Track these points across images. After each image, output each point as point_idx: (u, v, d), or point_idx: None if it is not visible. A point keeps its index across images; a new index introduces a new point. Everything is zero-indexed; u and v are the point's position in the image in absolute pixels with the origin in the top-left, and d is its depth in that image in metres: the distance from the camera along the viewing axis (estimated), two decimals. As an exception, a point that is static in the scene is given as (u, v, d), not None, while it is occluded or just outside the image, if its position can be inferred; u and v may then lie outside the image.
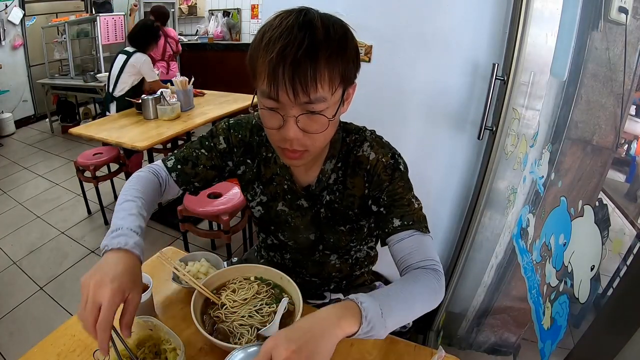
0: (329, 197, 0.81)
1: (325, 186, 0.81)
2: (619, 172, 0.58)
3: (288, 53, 0.57)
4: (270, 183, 0.85)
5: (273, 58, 0.57)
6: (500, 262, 1.06)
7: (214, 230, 2.32)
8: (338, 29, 0.62)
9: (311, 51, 0.58)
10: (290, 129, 0.62)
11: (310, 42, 0.58)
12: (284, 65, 0.57)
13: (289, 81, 0.58)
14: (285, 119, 0.62)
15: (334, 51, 0.60)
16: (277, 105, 0.62)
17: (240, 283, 0.86)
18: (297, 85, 0.58)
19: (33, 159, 3.94)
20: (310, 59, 0.58)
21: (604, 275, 0.54)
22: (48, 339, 0.78)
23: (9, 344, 1.78)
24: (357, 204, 0.81)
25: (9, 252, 2.45)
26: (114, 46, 4.68)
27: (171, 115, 2.49)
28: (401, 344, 0.79)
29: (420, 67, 1.41)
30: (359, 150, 0.78)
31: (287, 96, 0.59)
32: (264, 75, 0.60)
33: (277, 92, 0.59)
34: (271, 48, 0.58)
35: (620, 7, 0.63)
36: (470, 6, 1.28)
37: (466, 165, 1.49)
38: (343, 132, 0.80)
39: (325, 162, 0.79)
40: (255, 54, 0.62)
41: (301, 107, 0.61)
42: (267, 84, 0.60)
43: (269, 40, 0.59)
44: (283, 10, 0.63)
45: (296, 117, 0.62)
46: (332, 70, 0.60)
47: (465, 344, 1.22)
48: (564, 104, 0.82)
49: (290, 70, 0.57)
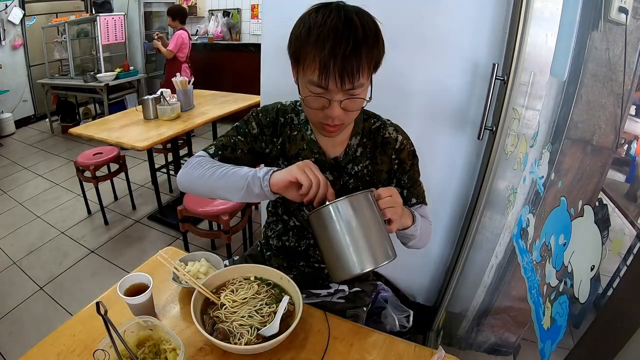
0: (356, 167, 0.93)
1: (351, 159, 0.92)
2: (619, 172, 0.58)
3: (338, 52, 0.68)
4: (295, 158, 0.92)
5: (326, 55, 0.69)
6: (500, 262, 1.06)
7: (214, 230, 2.32)
8: (371, 25, 0.73)
9: (356, 49, 0.69)
10: (335, 110, 0.75)
11: (354, 42, 0.69)
12: (334, 62, 0.69)
13: (338, 75, 0.70)
14: (331, 103, 0.74)
15: (370, 47, 0.71)
16: (324, 91, 0.73)
17: (240, 283, 0.86)
18: (345, 78, 0.70)
19: (33, 159, 3.94)
20: (355, 56, 0.69)
21: (604, 275, 0.54)
22: (48, 339, 0.78)
23: (9, 344, 1.78)
24: (384, 177, 0.94)
25: (9, 252, 2.45)
26: (114, 46, 4.69)
27: (171, 115, 2.49)
28: (401, 344, 0.79)
29: (420, 67, 1.41)
30: (385, 132, 0.93)
31: (336, 86, 0.71)
32: (315, 68, 0.71)
33: (327, 82, 0.71)
34: (321, 45, 0.69)
35: (620, 7, 0.63)
36: (470, 6, 1.28)
37: (466, 165, 1.49)
38: (363, 114, 0.93)
39: (351, 138, 0.91)
40: (303, 47, 0.72)
41: (344, 92, 0.73)
42: (318, 76, 0.71)
43: (318, 37, 0.69)
44: (319, 4, 0.74)
45: (340, 100, 0.74)
46: (370, 63, 0.73)
47: (465, 344, 1.22)
48: (564, 104, 0.82)
49: (341, 66, 0.69)
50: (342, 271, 0.70)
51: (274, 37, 1.55)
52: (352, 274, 0.69)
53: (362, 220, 0.70)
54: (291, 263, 1.03)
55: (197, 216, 1.94)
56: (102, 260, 2.38)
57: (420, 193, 0.97)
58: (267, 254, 1.09)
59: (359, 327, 0.84)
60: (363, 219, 0.70)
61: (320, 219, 0.72)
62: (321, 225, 0.72)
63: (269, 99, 0.98)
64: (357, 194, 0.71)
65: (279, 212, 1.02)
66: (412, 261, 1.61)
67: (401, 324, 1.06)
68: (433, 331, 1.66)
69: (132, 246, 2.52)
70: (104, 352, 0.64)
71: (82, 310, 0.85)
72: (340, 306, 0.99)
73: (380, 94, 0.89)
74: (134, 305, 0.81)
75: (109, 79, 4.21)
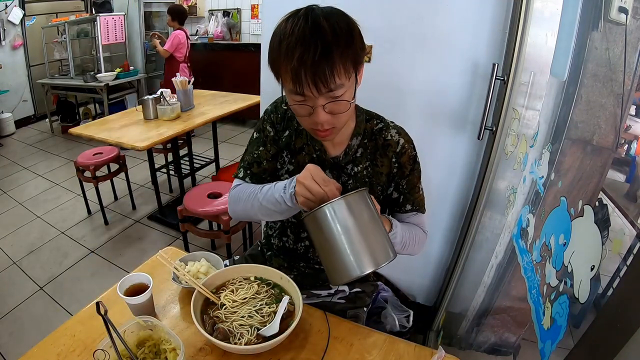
0: (356, 168, 0.92)
1: (351, 159, 0.91)
2: (619, 172, 0.58)
3: (307, 58, 0.67)
4: (299, 152, 0.93)
5: (295, 65, 0.68)
6: (500, 262, 1.06)
7: (214, 230, 2.32)
8: (342, 24, 0.71)
9: (325, 52, 0.68)
10: (320, 115, 0.74)
11: (323, 45, 0.67)
12: (305, 69, 0.68)
13: (311, 81, 0.69)
14: (314, 108, 0.73)
15: (343, 47, 0.69)
16: (304, 99, 0.73)
17: (240, 283, 0.86)
18: (318, 83, 0.69)
19: (33, 159, 3.94)
20: (325, 59, 0.68)
21: (604, 275, 0.54)
22: (48, 339, 0.78)
23: (9, 344, 1.78)
24: (384, 180, 0.93)
25: (9, 252, 2.46)
26: (114, 46, 4.69)
27: (171, 115, 2.49)
28: (401, 344, 0.80)
29: (420, 67, 1.41)
30: (387, 134, 0.91)
31: (311, 92, 0.71)
32: (289, 78, 0.71)
33: (302, 90, 0.71)
34: (290, 55, 0.68)
35: (620, 7, 0.63)
36: (470, 6, 1.28)
37: (466, 165, 1.49)
38: (366, 115, 0.93)
39: (351, 138, 0.90)
40: (277, 59, 0.72)
41: (325, 96, 0.72)
42: (292, 85, 0.71)
43: (287, 47, 0.69)
44: (291, 13, 0.73)
45: (323, 105, 0.73)
46: (345, 62, 0.70)
47: (465, 344, 1.22)
48: (564, 104, 0.82)
49: (311, 72, 0.68)
50: (341, 274, 0.68)
51: (274, 37, 1.55)
52: (351, 277, 0.67)
53: (359, 221, 0.68)
54: (292, 263, 1.03)
55: (197, 216, 1.94)
56: (102, 260, 2.38)
57: (417, 200, 0.94)
58: (267, 254, 1.09)
59: (359, 327, 0.84)
60: (361, 219, 0.68)
61: (315, 222, 0.69)
62: (317, 227, 0.69)
63: (269, 99, 0.98)
64: (353, 193, 0.69)
65: None
66: (412, 261, 1.61)
67: (401, 324, 1.06)
68: (433, 331, 1.66)
69: (132, 246, 2.52)
70: (104, 352, 0.64)
71: (82, 310, 0.85)
72: (341, 306, 0.99)
73: (380, 94, 0.90)
74: (134, 305, 0.81)
75: (109, 79, 4.21)
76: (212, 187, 2.08)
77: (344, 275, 0.68)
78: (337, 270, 0.69)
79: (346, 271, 0.67)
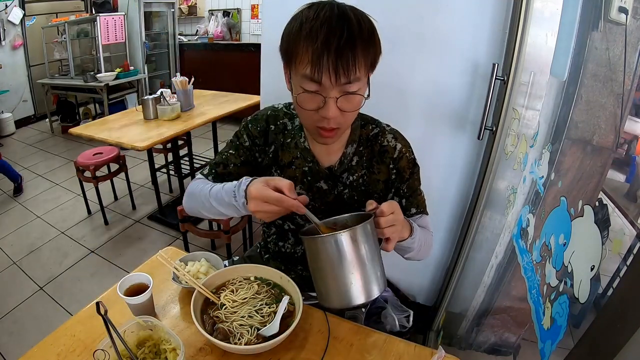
0: (352, 177, 0.89)
1: (347, 168, 0.89)
2: (619, 172, 0.58)
3: (332, 42, 0.65)
4: (289, 167, 0.91)
5: (318, 47, 0.65)
6: (500, 262, 1.06)
7: (214, 230, 2.32)
8: (367, 21, 0.70)
9: (351, 41, 0.66)
10: (330, 108, 0.70)
11: (349, 33, 0.66)
12: (328, 54, 0.65)
13: (332, 67, 0.66)
14: (326, 101, 0.70)
15: (366, 42, 0.68)
16: (318, 87, 0.69)
17: (240, 283, 0.85)
18: (339, 70, 0.66)
19: (33, 159, 3.94)
20: (350, 48, 0.66)
21: (604, 275, 0.54)
22: (48, 339, 0.78)
23: (9, 344, 1.78)
24: (381, 187, 0.90)
25: (9, 252, 2.45)
26: (114, 46, 4.69)
27: (171, 115, 2.49)
28: (401, 344, 0.79)
29: (420, 67, 1.41)
30: (383, 140, 0.89)
31: (330, 80, 0.67)
32: (307, 62, 0.67)
33: (320, 76, 0.67)
34: (314, 37, 0.65)
35: (620, 7, 0.63)
36: (470, 6, 1.28)
37: (466, 165, 1.49)
38: (361, 120, 0.90)
39: (347, 146, 0.88)
40: (295, 42, 0.69)
41: (340, 89, 0.69)
42: (310, 69, 0.67)
43: (310, 30, 0.66)
44: (312, 3, 0.71)
45: (336, 98, 0.70)
46: (366, 57, 0.69)
47: (465, 344, 1.22)
48: (564, 104, 0.82)
49: (334, 57, 0.65)
50: (330, 301, 0.70)
51: (274, 37, 1.54)
52: (339, 306, 0.69)
53: (359, 254, 0.67)
54: (289, 267, 1.03)
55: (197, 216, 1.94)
56: (102, 260, 2.38)
57: (420, 202, 0.93)
58: (265, 257, 1.09)
59: (359, 327, 0.84)
60: (360, 253, 0.67)
61: (314, 247, 0.69)
62: (314, 252, 0.69)
63: (269, 99, 0.98)
64: (359, 227, 0.66)
65: None
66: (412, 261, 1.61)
67: (401, 324, 1.06)
68: (433, 331, 1.66)
69: (132, 246, 2.52)
70: (104, 352, 0.64)
71: (82, 310, 0.85)
72: (339, 307, 0.99)
73: (379, 94, 0.90)
74: (134, 305, 0.81)
75: (109, 79, 4.21)
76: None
77: (332, 303, 0.70)
78: (327, 296, 0.70)
79: (336, 300, 0.69)
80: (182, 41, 5.26)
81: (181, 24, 5.38)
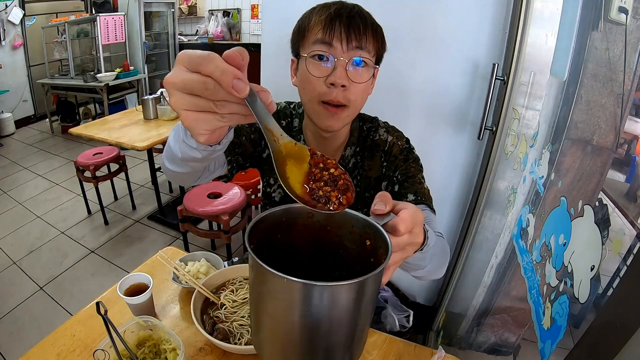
0: None
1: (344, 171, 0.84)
2: (619, 172, 0.58)
3: (343, 12, 0.70)
4: None
5: (331, 13, 0.69)
6: (500, 262, 1.06)
7: (214, 230, 2.32)
8: (374, 19, 0.74)
9: (361, 16, 0.71)
10: (339, 73, 0.69)
11: (359, 11, 0.71)
12: (340, 19, 0.69)
13: (344, 29, 0.68)
14: (335, 64, 0.69)
15: (374, 29, 0.72)
16: (328, 50, 0.70)
17: (240, 283, 0.86)
18: (351, 33, 0.69)
19: (33, 159, 3.93)
20: (361, 19, 0.70)
21: (604, 275, 0.54)
22: (48, 339, 0.78)
23: (9, 344, 1.78)
24: (373, 185, 0.87)
25: (9, 252, 2.45)
26: (114, 46, 4.69)
27: (171, 115, 2.49)
28: (401, 344, 0.79)
29: (421, 68, 1.41)
30: (375, 134, 0.87)
31: (340, 43, 0.69)
32: (319, 28, 0.70)
33: (332, 37, 0.69)
34: (326, 10, 0.70)
35: (620, 7, 0.63)
36: (470, 6, 1.28)
37: (466, 165, 1.49)
38: (360, 121, 0.89)
39: (345, 149, 0.86)
40: (306, 21, 0.73)
41: (351, 54, 0.70)
42: (322, 32, 0.69)
43: (322, 7, 0.72)
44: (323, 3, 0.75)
45: (347, 61, 0.70)
46: (374, 38, 0.72)
47: (465, 344, 1.22)
48: (564, 104, 0.82)
49: (346, 22, 0.69)
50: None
51: (274, 37, 1.55)
52: None
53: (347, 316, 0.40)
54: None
55: (197, 216, 1.94)
56: (102, 260, 2.37)
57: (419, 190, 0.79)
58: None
59: (359, 327, 0.84)
60: (350, 314, 0.40)
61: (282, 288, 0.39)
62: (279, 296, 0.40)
63: (269, 99, 0.97)
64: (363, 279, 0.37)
65: None
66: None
67: (401, 324, 1.06)
68: (433, 331, 1.66)
69: (132, 246, 2.52)
70: (104, 352, 0.64)
71: (82, 310, 0.85)
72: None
73: (380, 94, 0.90)
74: (134, 305, 0.81)
75: (109, 79, 4.21)
76: (212, 187, 2.08)
77: None
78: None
79: None
80: (182, 41, 5.25)
81: (181, 24, 5.38)
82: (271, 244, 0.45)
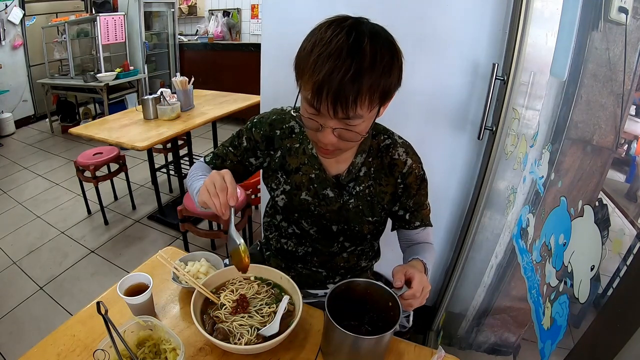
0: (358, 187, 0.88)
1: (354, 177, 0.87)
2: (619, 172, 0.58)
3: (334, 78, 0.62)
4: (296, 173, 0.90)
5: (319, 80, 0.63)
6: (500, 262, 1.06)
7: (214, 230, 2.32)
8: (385, 53, 0.65)
9: (356, 78, 0.62)
10: (326, 136, 0.70)
11: (356, 70, 0.62)
12: (328, 89, 0.63)
13: (331, 102, 0.64)
14: (322, 127, 0.69)
15: (377, 76, 0.64)
16: (317, 114, 0.68)
17: (240, 283, 0.86)
18: (337, 107, 0.64)
19: (33, 159, 3.94)
20: (353, 84, 0.62)
21: (604, 275, 0.54)
22: (48, 339, 0.78)
23: (9, 344, 1.78)
24: (387, 199, 0.90)
25: (9, 252, 2.45)
26: (114, 46, 4.69)
27: (171, 115, 2.49)
28: (401, 344, 0.79)
29: (420, 67, 1.41)
30: (394, 152, 0.87)
31: (328, 113, 0.66)
32: (310, 89, 0.65)
33: (319, 106, 0.66)
34: (319, 68, 0.63)
35: (620, 7, 0.63)
36: (470, 6, 1.28)
37: (466, 165, 1.49)
38: (373, 130, 0.88)
39: (356, 156, 0.87)
40: (304, 64, 0.67)
41: (339, 121, 0.67)
42: (311, 97, 0.66)
43: (318, 56, 0.63)
44: (336, 18, 0.67)
45: (333, 128, 0.69)
46: (372, 94, 0.65)
47: (465, 344, 1.22)
48: (564, 104, 0.82)
49: (334, 94, 0.63)
50: None
51: (274, 37, 1.55)
52: None
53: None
54: (290, 264, 1.03)
55: (197, 216, 1.94)
56: (102, 260, 2.38)
57: (425, 216, 0.93)
58: (266, 254, 1.09)
59: (359, 327, 0.84)
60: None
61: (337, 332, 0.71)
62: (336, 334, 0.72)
63: (269, 99, 0.98)
64: (384, 336, 0.70)
65: (276, 218, 1.01)
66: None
67: (401, 324, 1.06)
68: (433, 331, 1.67)
69: (132, 246, 2.52)
70: (104, 352, 0.64)
71: (82, 310, 0.85)
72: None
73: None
74: (134, 305, 0.81)
75: (109, 79, 4.21)
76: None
77: None
78: None
79: None
80: (182, 41, 5.26)
81: (181, 24, 5.38)
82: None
